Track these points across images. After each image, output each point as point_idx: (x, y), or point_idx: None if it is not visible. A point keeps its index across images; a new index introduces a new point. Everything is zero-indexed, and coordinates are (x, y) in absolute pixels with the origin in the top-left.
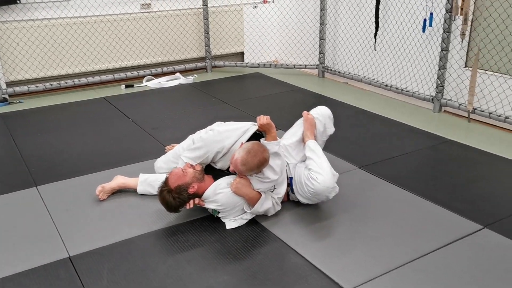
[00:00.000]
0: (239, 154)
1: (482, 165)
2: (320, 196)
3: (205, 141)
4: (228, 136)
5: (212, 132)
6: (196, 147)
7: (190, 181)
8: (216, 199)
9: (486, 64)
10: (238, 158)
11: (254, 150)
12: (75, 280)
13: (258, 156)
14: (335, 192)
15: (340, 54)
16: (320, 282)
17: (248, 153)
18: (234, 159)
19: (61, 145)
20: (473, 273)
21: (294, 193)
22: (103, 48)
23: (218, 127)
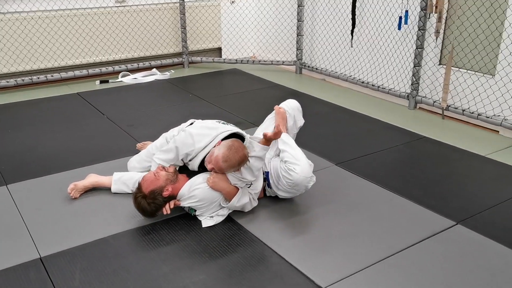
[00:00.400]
0: (220, 151)
1: (455, 161)
2: (299, 187)
3: (176, 143)
4: (199, 140)
5: (184, 133)
6: (167, 148)
7: (164, 184)
8: (193, 195)
9: (460, 62)
10: (219, 154)
11: (235, 147)
12: (46, 281)
13: (239, 153)
14: (313, 181)
15: (317, 50)
16: (295, 280)
17: (229, 150)
18: (215, 155)
19: (33, 142)
20: (446, 268)
21: (271, 187)
22: (76, 42)
23: (191, 128)
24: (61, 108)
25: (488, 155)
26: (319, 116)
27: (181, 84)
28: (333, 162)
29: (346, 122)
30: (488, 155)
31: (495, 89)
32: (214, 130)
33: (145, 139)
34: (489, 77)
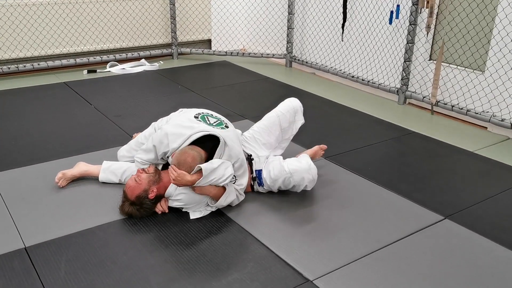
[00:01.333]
0: (172, 163)
1: (444, 157)
2: (299, 178)
3: (154, 142)
4: (173, 140)
5: (160, 132)
6: (146, 148)
7: (147, 187)
8: (179, 199)
9: (450, 57)
10: (173, 164)
11: (182, 151)
12: (31, 271)
13: (185, 166)
14: (312, 175)
15: (308, 44)
16: (283, 272)
17: (179, 157)
18: (172, 166)
19: (18, 131)
20: (434, 262)
21: (263, 186)
22: (64, 31)
23: (167, 126)
24: (48, 97)
25: (477, 151)
26: (308, 110)
27: (170, 75)
28: (322, 156)
29: (335, 116)
30: (477, 151)
31: (485, 85)
32: (189, 129)
33: (132, 130)
34: (478, 73)
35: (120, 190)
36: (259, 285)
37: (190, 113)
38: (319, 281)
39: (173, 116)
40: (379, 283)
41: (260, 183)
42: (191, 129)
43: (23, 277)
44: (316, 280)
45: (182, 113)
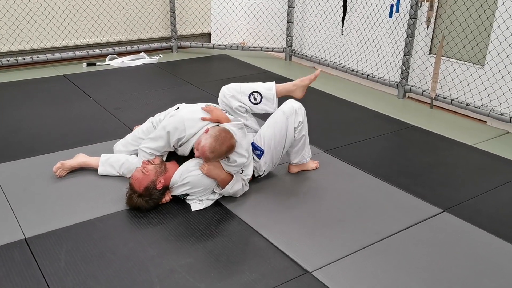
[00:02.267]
0: (207, 141)
1: (443, 150)
2: (288, 108)
3: (167, 128)
4: (191, 126)
5: (174, 118)
6: (156, 136)
7: (155, 178)
8: (186, 183)
9: (450, 51)
10: (206, 145)
11: (222, 137)
12: (31, 262)
13: (226, 143)
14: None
15: (307, 38)
16: (282, 264)
17: (216, 140)
18: (201, 145)
19: (18, 124)
20: (432, 255)
21: (262, 153)
22: (63, 23)
23: (182, 113)
24: (47, 90)
25: (476, 145)
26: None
27: (169, 68)
28: (322, 149)
29: (334, 110)
30: (476, 145)
31: (484, 79)
32: (203, 113)
33: (132, 123)
34: (478, 67)
35: (120, 182)
36: (258, 276)
37: (197, 106)
38: (318, 273)
39: (172, 111)
40: (378, 274)
41: (259, 149)
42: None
43: (23, 268)
44: (315, 271)
45: (186, 106)
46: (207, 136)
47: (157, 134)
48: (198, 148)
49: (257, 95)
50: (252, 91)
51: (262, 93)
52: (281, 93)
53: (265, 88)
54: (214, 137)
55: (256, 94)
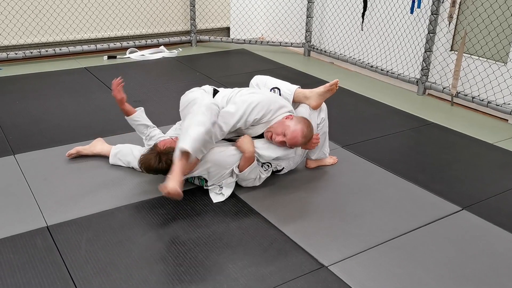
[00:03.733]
0: (298, 126)
1: (463, 148)
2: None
3: (252, 104)
4: (275, 109)
5: (261, 96)
6: (237, 109)
7: None
8: (207, 160)
9: (471, 48)
10: (298, 130)
11: (310, 125)
12: (53, 249)
13: (312, 131)
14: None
15: (327, 33)
16: (299, 258)
17: (307, 127)
18: (293, 130)
19: (40, 114)
20: (450, 252)
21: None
22: (85, 17)
23: (266, 93)
24: (69, 82)
25: (496, 143)
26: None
27: (188, 62)
28: (340, 144)
29: (353, 106)
30: (496, 143)
31: (507, 77)
32: (286, 103)
33: (150, 115)
34: (501, 64)
35: (140, 175)
36: (274, 269)
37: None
38: (334, 267)
39: (243, 90)
40: (394, 270)
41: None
42: (286, 103)
43: (45, 254)
44: (331, 266)
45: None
46: (296, 122)
47: (238, 108)
48: (281, 133)
49: (277, 91)
50: (274, 86)
51: (282, 91)
52: (298, 96)
53: (286, 88)
54: (304, 124)
55: (276, 90)
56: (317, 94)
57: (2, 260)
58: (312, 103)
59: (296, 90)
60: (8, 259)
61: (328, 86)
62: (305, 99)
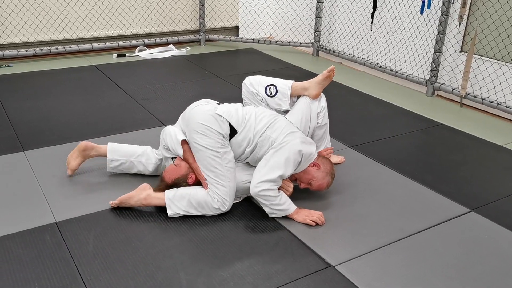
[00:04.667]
0: (325, 180)
1: (471, 150)
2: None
3: (301, 152)
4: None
5: (295, 150)
6: (288, 161)
7: (187, 172)
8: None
9: (482, 49)
10: (324, 183)
11: (333, 173)
12: (61, 245)
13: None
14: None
15: (335, 33)
16: (306, 257)
17: (333, 177)
18: (320, 183)
19: (50, 111)
20: (458, 254)
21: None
22: (95, 15)
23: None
24: (78, 79)
25: (506, 145)
26: (334, 98)
27: (197, 61)
28: (347, 144)
29: (361, 106)
30: (506, 145)
31: None
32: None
33: (159, 113)
34: (511, 66)
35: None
36: (280, 268)
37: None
38: (341, 267)
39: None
40: (401, 271)
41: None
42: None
43: (54, 250)
44: (338, 265)
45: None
46: (323, 175)
47: (288, 160)
48: (312, 184)
49: (273, 88)
50: (269, 83)
51: (278, 87)
52: (296, 89)
53: (282, 83)
54: (331, 175)
55: (272, 87)
56: (316, 83)
57: (11, 255)
58: (312, 93)
59: (293, 84)
60: (17, 254)
61: (326, 73)
62: (304, 90)
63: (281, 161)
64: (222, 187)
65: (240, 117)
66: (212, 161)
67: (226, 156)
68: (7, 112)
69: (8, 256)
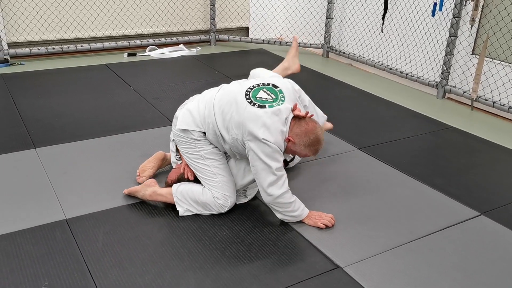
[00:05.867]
0: (306, 151)
1: (482, 153)
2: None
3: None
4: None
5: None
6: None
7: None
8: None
9: (493, 52)
10: (308, 154)
11: (313, 141)
12: (71, 241)
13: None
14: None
15: (346, 34)
16: (314, 258)
17: (312, 146)
18: (304, 155)
19: (61, 109)
20: (467, 257)
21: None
22: (107, 14)
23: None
24: (89, 78)
25: None
26: (344, 100)
27: (207, 61)
28: (357, 146)
29: (371, 108)
30: None
31: None
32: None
33: (170, 113)
34: None
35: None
36: (288, 268)
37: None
38: (349, 268)
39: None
40: (410, 273)
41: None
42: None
43: (63, 246)
44: (346, 267)
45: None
46: (302, 147)
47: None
48: (299, 156)
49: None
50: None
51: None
52: (278, 72)
53: (268, 75)
54: (309, 146)
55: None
56: (293, 57)
57: (22, 251)
58: (294, 67)
59: (274, 70)
60: (28, 250)
61: (295, 45)
62: (287, 70)
63: (265, 161)
64: (217, 183)
65: (198, 118)
66: (198, 165)
67: (209, 156)
68: (19, 109)
69: (19, 252)
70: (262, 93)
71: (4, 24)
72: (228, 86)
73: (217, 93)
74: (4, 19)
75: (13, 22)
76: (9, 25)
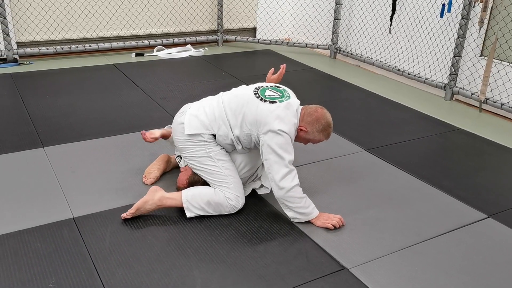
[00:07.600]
0: (319, 137)
1: (490, 155)
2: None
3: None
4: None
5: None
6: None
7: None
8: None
9: (502, 54)
10: (322, 139)
11: (325, 126)
12: (78, 240)
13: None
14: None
15: (353, 35)
16: (320, 258)
17: (325, 130)
18: (317, 142)
19: (69, 108)
20: (474, 259)
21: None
22: (115, 14)
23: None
24: (97, 78)
25: None
26: (351, 101)
27: (214, 61)
28: (364, 147)
29: (378, 109)
30: None
31: None
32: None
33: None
34: None
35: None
36: (294, 269)
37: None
38: (356, 270)
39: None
40: (416, 275)
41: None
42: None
43: (71, 245)
44: (352, 268)
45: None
46: (315, 134)
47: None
48: (312, 144)
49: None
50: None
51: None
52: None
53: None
54: (322, 131)
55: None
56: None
57: (30, 249)
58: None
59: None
60: (35, 248)
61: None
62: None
63: (278, 153)
64: (229, 184)
65: (207, 121)
66: (208, 167)
67: (219, 157)
68: (28, 108)
69: (27, 250)
70: (269, 91)
71: (13, 24)
72: (232, 91)
73: (222, 97)
74: (14, 19)
75: (22, 22)
76: (18, 25)
